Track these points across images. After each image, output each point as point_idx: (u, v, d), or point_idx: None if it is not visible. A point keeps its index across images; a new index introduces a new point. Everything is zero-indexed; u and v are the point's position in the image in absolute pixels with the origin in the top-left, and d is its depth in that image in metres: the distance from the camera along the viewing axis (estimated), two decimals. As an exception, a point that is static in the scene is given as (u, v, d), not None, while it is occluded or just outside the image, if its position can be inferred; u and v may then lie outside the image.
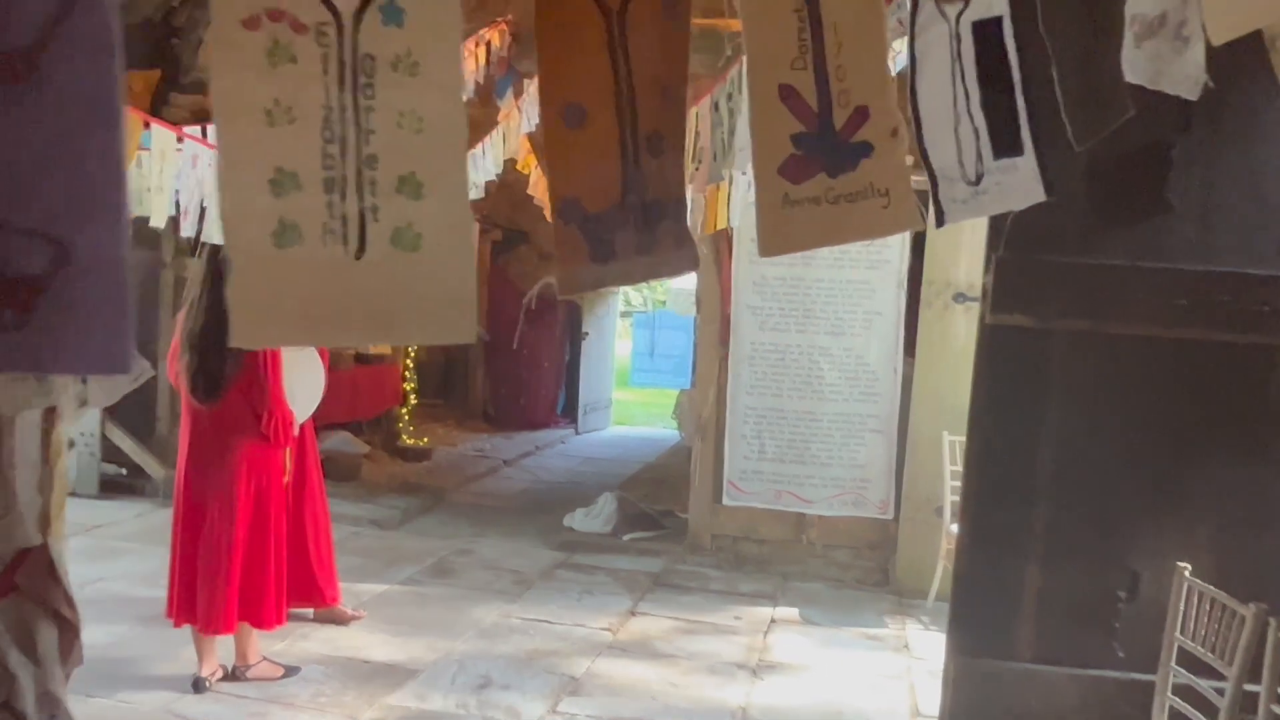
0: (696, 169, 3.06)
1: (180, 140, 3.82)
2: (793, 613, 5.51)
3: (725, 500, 6.31)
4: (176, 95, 7.23)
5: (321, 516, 4.76)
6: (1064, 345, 2.89)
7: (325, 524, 4.79)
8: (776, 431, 6.22)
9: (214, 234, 2.75)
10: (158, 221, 2.42)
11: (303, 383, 4.29)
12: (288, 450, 4.15)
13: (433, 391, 11.41)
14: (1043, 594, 3.17)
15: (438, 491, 7.85)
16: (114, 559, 5.47)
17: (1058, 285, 2.86)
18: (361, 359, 8.73)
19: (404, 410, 9.35)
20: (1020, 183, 1.89)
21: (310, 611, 4.79)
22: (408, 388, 9.43)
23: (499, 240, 11.57)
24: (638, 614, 5.33)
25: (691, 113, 3.12)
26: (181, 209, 2.54)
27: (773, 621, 5.35)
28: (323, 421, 8.00)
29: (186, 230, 2.59)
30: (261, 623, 3.92)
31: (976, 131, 1.93)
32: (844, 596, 5.89)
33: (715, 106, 2.76)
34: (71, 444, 6.87)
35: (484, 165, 5.67)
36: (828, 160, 1.96)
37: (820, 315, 6.13)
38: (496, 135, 5.88)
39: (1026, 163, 1.87)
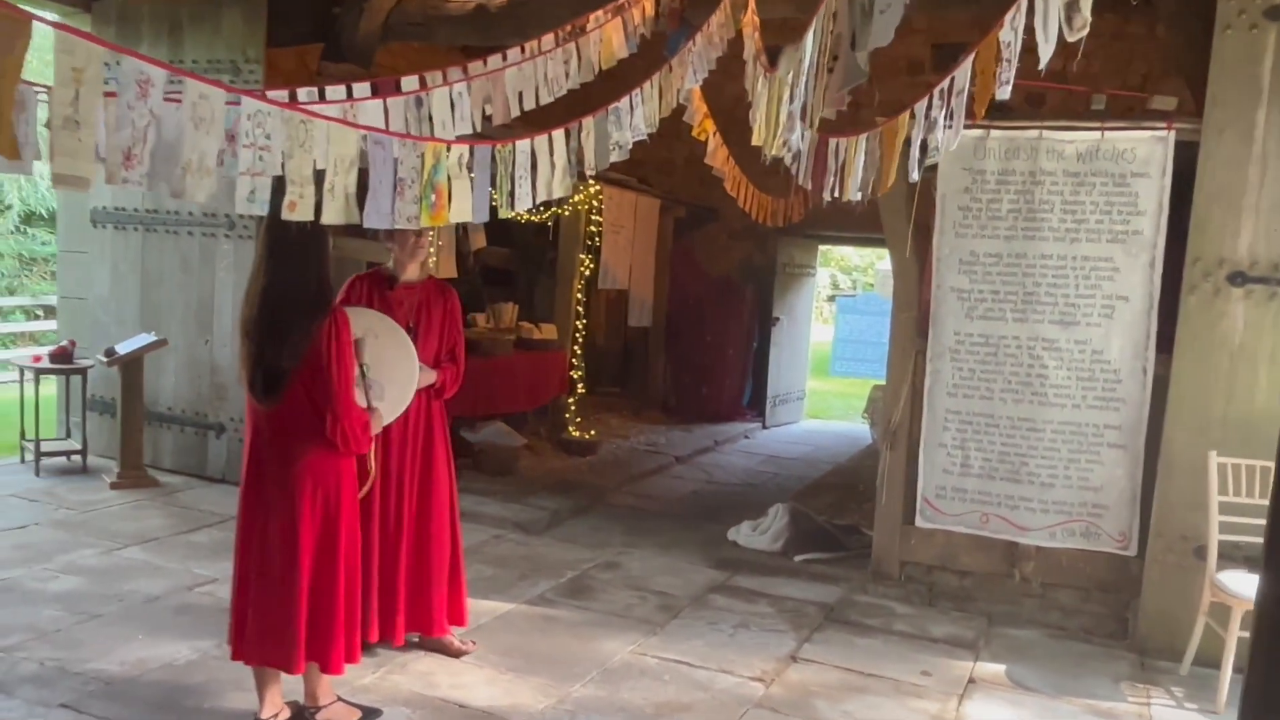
0: (830, 70, 2.12)
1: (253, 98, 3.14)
2: (998, 671, 4.40)
3: (919, 521, 5.24)
4: (328, 65, 6.87)
5: (445, 529, 4.09)
6: None
7: (449, 538, 4.12)
8: (985, 441, 5.09)
9: (195, 191, 2.05)
10: (70, 169, 1.72)
11: (391, 376, 3.63)
12: (370, 456, 3.49)
13: (609, 379, 10.77)
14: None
15: (595, 491, 7.14)
16: (234, 556, 5.07)
17: None
18: (524, 344, 8.16)
19: (571, 400, 8.72)
20: None
21: (416, 635, 4.16)
22: (575, 375, 8.78)
23: (682, 217, 10.76)
24: (799, 660, 4.38)
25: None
26: (123, 152, 1.84)
27: (971, 682, 4.27)
28: (481, 412, 7.49)
29: (133, 179, 1.89)
30: (329, 665, 3.27)
31: None
32: (1067, 651, 4.70)
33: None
34: (221, 429, 6.67)
35: (631, 123, 4.84)
36: None
37: (1046, 300, 4.93)
38: (649, 90, 5.03)
39: None
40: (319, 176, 2.40)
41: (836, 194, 3.74)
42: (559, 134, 3.66)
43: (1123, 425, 4.87)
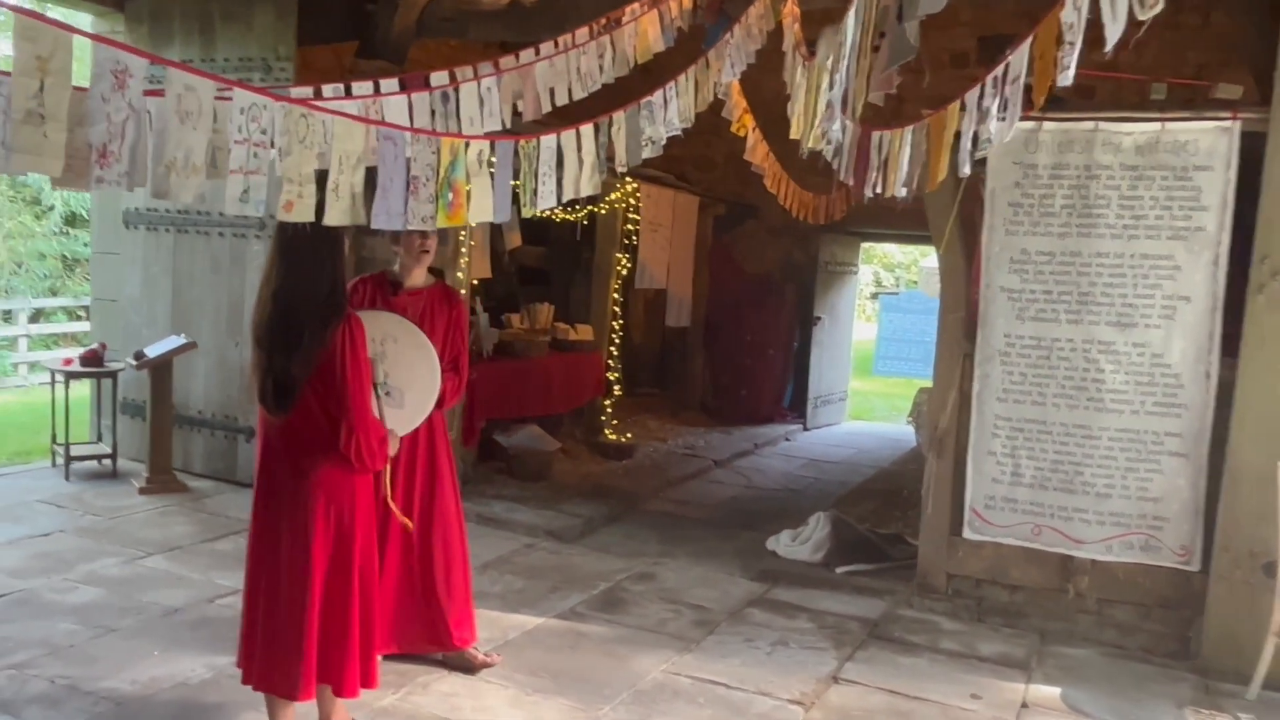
0: (877, 47, 1.91)
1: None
2: (1053, 695, 4.16)
3: (967, 533, 5.00)
4: (361, 62, 6.75)
5: (455, 541, 3.96)
6: None
7: (460, 550, 3.99)
8: (1037, 449, 4.84)
9: (181, 190, 1.90)
10: (33, 166, 1.56)
11: (412, 381, 3.47)
12: (385, 472, 3.34)
13: (648, 380, 10.58)
14: None
15: (630, 497, 6.96)
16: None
17: None
18: (558, 346, 8.00)
19: (607, 402, 8.54)
20: None
21: (440, 654, 4.02)
22: (612, 377, 8.60)
23: (722, 215, 10.55)
24: (841, 680, 4.17)
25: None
26: (97, 149, 1.68)
27: (1024, 707, 4.03)
28: (514, 415, 7.34)
29: (109, 179, 1.73)
30: (343, 688, 3.12)
31: None
32: (1125, 672, 4.44)
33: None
34: (252, 433, 6.57)
35: (665, 118, 4.64)
36: None
37: (1102, 300, 4.67)
38: (685, 83, 4.83)
39: None
40: (321, 175, 2.24)
41: (879, 190, 3.52)
42: (588, 129, 3.48)
43: (1184, 433, 4.60)
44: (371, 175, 2.49)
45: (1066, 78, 2.57)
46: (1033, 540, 4.87)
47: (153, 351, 6.16)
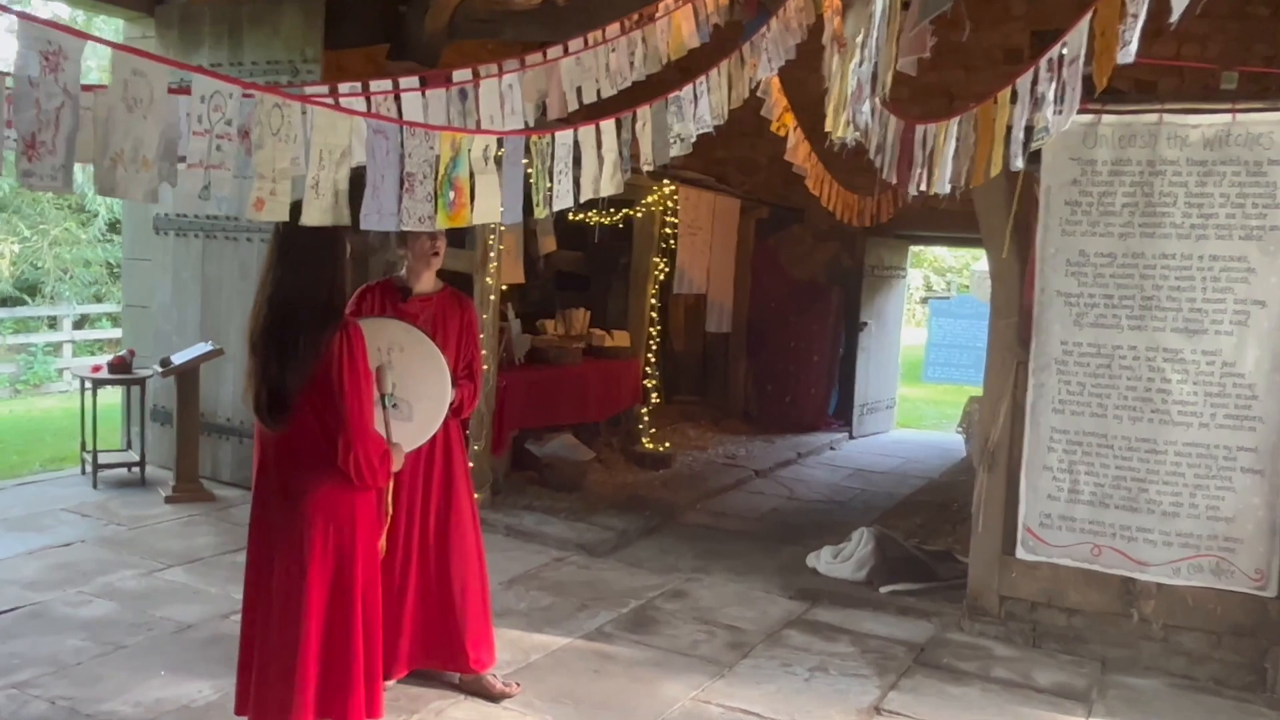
0: (906, 3, 1.67)
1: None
2: (1115, 731, 3.85)
3: (1020, 552, 4.69)
4: (388, 64, 6.63)
5: (472, 556, 3.77)
6: None
7: (477, 565, 3.79)
8: (1097, 464, 4.52)
9: (130, 186, 1.72)
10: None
11: (421, 392, 3.28)
12: (388, 494, 3.15)
13: (688, 387, 10.33)
14: None
15: (667, 508, 6.71)
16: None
17: None
18: (594, 352, 7.78)
19: (644, 410, 8.30)
20: None
21: (456, 676, 3.82)
22: (649, 384, 8.36)
23: (765, 218, 10.27)
24: (884, 711, 3.89)
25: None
26: (25, 139, 1.50)
27: (1084, 744, 3.74)
28: (546, 424, 7.15)
29: (41, 173, 1.54)
30: None
31: None
32: (1195, 705, 4.11)
33: None
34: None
35: (694, 114, 4.41)
36: None
37: (1167, 305, 4.35)
38: (717, 78, 4.59)
39: None
40: (298, 170, 2.05)
41: (924, 187, 3.25)
42: (608, 125, 3.26)
43: (1259, 447, 4.26)
44: (362, 173, 2.30)
45: (1127, 54, 2.29)
46: (1092, 561, 4.55)
47: (179, 359, 6.07)
